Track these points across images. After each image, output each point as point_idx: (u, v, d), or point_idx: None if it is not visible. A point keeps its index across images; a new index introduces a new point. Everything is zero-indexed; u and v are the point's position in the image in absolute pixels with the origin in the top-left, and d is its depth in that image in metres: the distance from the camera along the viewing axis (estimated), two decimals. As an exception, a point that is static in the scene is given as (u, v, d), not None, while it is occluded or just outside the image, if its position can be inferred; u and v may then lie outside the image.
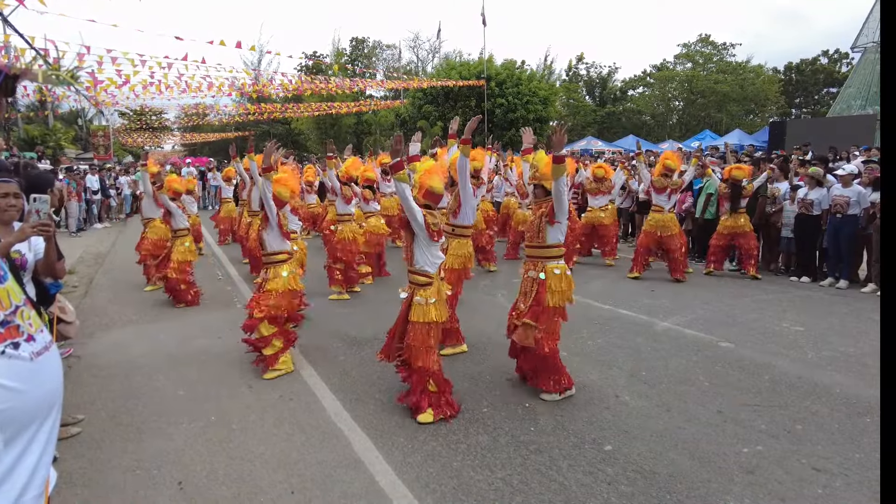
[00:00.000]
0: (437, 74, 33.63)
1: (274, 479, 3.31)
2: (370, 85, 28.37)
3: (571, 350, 5.35)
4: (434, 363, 4.00)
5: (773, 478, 3.23)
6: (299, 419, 4.06)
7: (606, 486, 3.18)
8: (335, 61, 33.55)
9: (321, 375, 4.88)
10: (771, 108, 41.57)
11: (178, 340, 5.94)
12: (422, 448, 3.63)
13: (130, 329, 6.44)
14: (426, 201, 4.16)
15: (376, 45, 44.09)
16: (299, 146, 40.34)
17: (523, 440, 3.71)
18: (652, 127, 42.49)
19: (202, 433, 3.89)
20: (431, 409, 3.98)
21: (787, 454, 3.49)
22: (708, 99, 39.01)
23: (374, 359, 5.27)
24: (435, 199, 4.22)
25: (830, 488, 3.15)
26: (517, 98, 29.59)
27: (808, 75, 44.63)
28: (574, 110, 41.73)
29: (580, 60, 45.19)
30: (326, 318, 6.73)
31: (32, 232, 2.39)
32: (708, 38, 41.79)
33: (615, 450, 3.57)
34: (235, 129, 40.57)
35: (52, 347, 1.73)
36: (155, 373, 5.03)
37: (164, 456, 3.59)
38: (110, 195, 18.50)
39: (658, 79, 42.94)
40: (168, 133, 45.71)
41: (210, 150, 46.37)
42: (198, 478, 3.34)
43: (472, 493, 3.13)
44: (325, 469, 3.41)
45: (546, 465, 3.40)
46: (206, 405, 4.33)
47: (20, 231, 2.44)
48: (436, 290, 4.04)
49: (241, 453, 3.61)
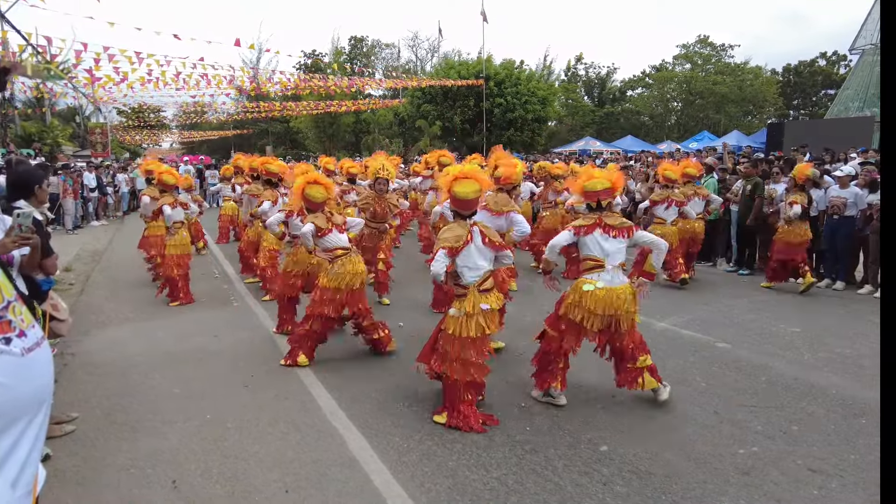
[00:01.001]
0: (435, 74, 33.62)
1: (268, 478, 3.29)
2: (369, 84, 28.36)
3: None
4: (465, 375, 3.86)
5: (769, 479, 3.23)
6: (295, 418, 4.05)
7: (601, 487, 3.17)
8: (334, 60, 33.52)
9: (317, 374, 4.87)
10: (769, 109, 41.63)
11: (175, 338, 5.93)
12: (417, 447, 3.62)
13: (126, 327, 6.42)
14: (454, 208, 4.01)
15: (375, 44, 44.09)
16: (298, 145, 40.32)
17: (519, 440, 3.71)
18: (650, 127, 42.51)
19: (197, 432, 3.88)
20: (447, 413, 3.92)
21: (782, 455, 3.49)
22: (706, 100, 39.05)
23: (370, 358, 5.28)
24: (462, 205, 3.97)
25: (826, 489, 3.14)
26: (516, 98, 29.59)
27: (806, 77, 44.69)
28: (573, 110, 41.74)
29: (579, 60, 45.22)
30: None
31: (14, 246, 2.38)
32: (707, 39, 41.84)
33: (611, 450, 3.57)
34: (234, 126, 40.55)
35: (43, 344, 1.72)
36: (151, 371, 5.02)
37: (159, 454, 3.58)
38: (107, 193, 18.46)
39: (657, 79, 42.97)
40: (166, 131, 45.67)
41: (208, 148, 46.34)
42: (192, 476, 3.33)
43: (467, 493, 3.13)
44: (319, 468, 3.40)
45: (541, 465, 3.40)
46: (202, 403, 4.32)
47: (1, 245, 2.41)
48: (470, 302, 3.84)
49: (235, 452, 3.60)
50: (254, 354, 5.41)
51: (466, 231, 3.90)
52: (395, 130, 33.92)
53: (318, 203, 5.08)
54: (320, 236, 5.01)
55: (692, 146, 21.99)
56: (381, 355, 5.30)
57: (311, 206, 5.12)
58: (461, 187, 3.88)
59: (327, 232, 5.01)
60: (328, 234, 5.01)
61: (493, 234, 4.06)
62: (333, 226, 5.07)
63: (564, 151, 25.35)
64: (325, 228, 5.00)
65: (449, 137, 31.13)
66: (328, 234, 5.01)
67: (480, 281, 3.91)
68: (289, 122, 39.76)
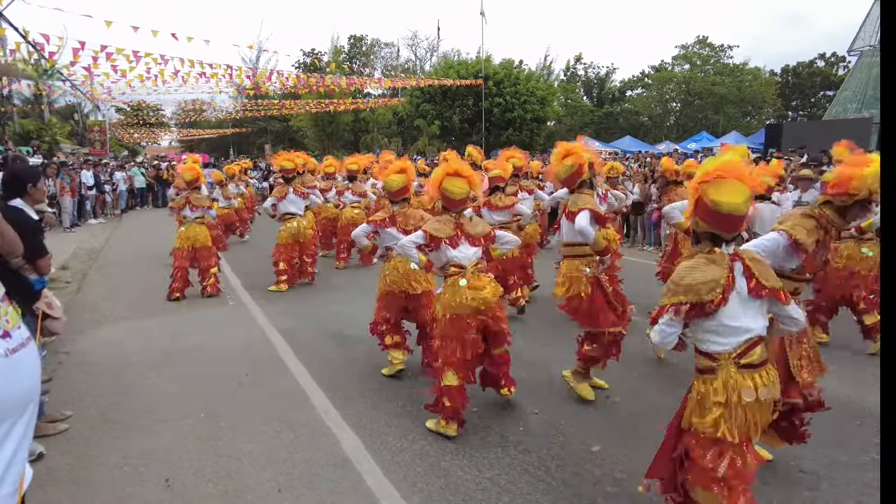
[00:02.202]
0: (434, 73, 33.61)
1: (261, 477, 3.30)
2: (368, 83, 28.34)
3: (566, 351, 5.35)
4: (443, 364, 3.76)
5: (760, 480, 3.22)
6: (288, 417, 4.06)
7: (592, 487, 3.18)
8: (333, 59, 33.51)
9: (311, 373, 4.87)
10: (768, 110, 41.71)
11: (171, 337, 5.93)
12: (410, 447, 3.63)
13: (122, 325, 6.42)
14: (442, 202, 3.93)
15: (374, 43, 44.08)
16: (297, 144, 40.29)
17: (512, 440, 3.72)
18: (649, 128, 42.57)
19: (191, 430, 3.88)
20: None
21: (774, 457, 3.50)
22: (705, 100, 39.13)
23: (364, 356, 5.28)
24: (451, 203, 3.87)
25: (817, 491, 3.16)
26: (515, 98, 29.62)
27: (804, 78, 44.77)
28: (572, 110, 41.78)
29: (578, 60, 45.28)
30: (317, 314, 6.73)
31: None
32: (705, 39, 41.89)
33: (603, 450, 3.58)
34: (233, 125, 40.54)
35: (29, 344, 1.72)
36: (145, 369, 5.02)
37: (153, 453, 3.58)
38: (105, 191, 18.44)
39: (656, 80, 43.03)
40: (165, 129, 45.61)
41: (207, 146, 46.31)
42: (185, 475, 3.34)
43: (460, 493, 3.13)
44: (312, 467, 3.41)
45: (534, 465, 3.41)
46: (196, 402, 4.32)
47: None
48: None
49: (229, 451, 3.60)
50: (248, 353, 5.42)
51: (453, 227, 3.86)
52: (394, 129, 33.95)
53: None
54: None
55: (691, 146, 22.03)
56: None
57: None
58: (452, 185, 3.84)
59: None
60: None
61: (483, 227, 4.04)
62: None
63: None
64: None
65: (448, 137, 31.15)
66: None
67: (472, 266, 3.83)
68: (288, 121, 39.76)
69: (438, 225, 3.87)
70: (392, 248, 4.68)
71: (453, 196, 3.85)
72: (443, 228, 3.85)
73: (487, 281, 3.85)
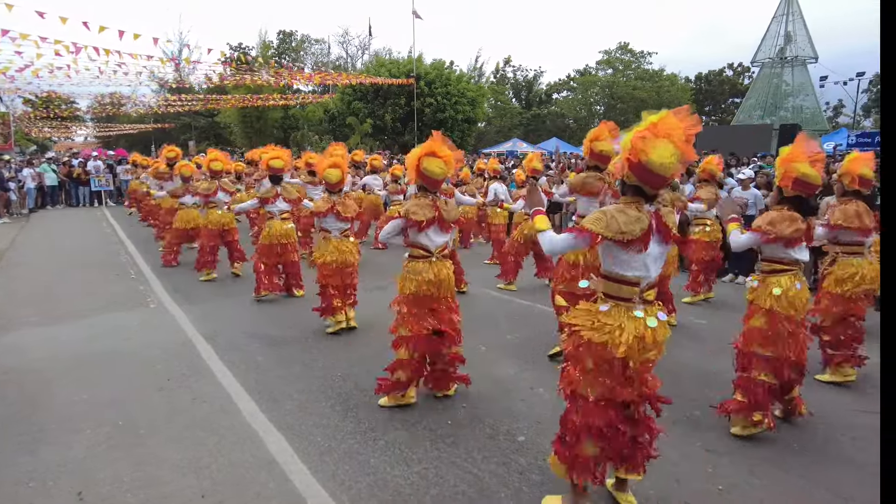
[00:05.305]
0: (366, 71, 33.34)
1: (183, 484, 3.20)
2: (298, 78, 27.69)
3: (490, 344, 5.49)
4: None
5: (669, 460, 3.45)
6: (212, 422, 3.95)
7: (518, 476, 3.30)
8: (261, 54, 32.51)
9: (237, 376, 4.75)
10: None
11: (82, 342, 5.61)
12: (339, 447, 3.62)
13: (27, 331, 6.00)
14: (421, 182, 4.04)
15: (304, 39, 43.17)
16: (223, 140, 38.85)
17: (440, 433, 3.79)
18: (574, 130, 44.00)
19: (106, 440, 3.70)
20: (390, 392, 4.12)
21: (683, 438, 3.75)
22: (627, 104, 40.84)
23: (293, 358, 5.20)
24: (430, 182, 4.01)
25: (718, 466, 3.42)
26: (446, 98, 29.83)
27: (715, 85, 47.76)
28: (501, 112, 42.56)
29: (507, 63, 46.18)
30: (245, 316, 6.56)
31: None
32: (627, 45, 43.80)
33: (528, 440, 3.71)
34: (154, 120, 38.53)
35: None
36: (56, 377, 4.73)
37: (63, 465, 3.39)
38: (10, 189, 17.10)
39: (580, 83, 44.53)
40: (79, 123, 42.76)
41: (126, 142, 43.78)
42: (101, 486, 3.19)
43: (389, 489, 3.17)
44: (237, 471, 3.34)
45: (461, 458, 3.49)
46: (112, 410, 4.12)
47: None
48: None
49: (148, 459, 3.47)
50: (170, 357, 5.20)
51: (432, 210, 4.00)
52: (325, 127, 33.37)
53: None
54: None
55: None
56: None
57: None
58: (431, 165, 3.93)
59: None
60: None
61: (455, 213, 4.21)
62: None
63: (493, 153, 25.79)
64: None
65: (380, 135, 30.97)
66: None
67: (438, 251, 4.06)
68: (213, 117, 38.22)
69: (417, 208, 3.99)
70: (330, 231, 5.67)
71: (433, 175, 3.97)
72: (422, 212, 3.97)
73: (449, 269, 4.09)
